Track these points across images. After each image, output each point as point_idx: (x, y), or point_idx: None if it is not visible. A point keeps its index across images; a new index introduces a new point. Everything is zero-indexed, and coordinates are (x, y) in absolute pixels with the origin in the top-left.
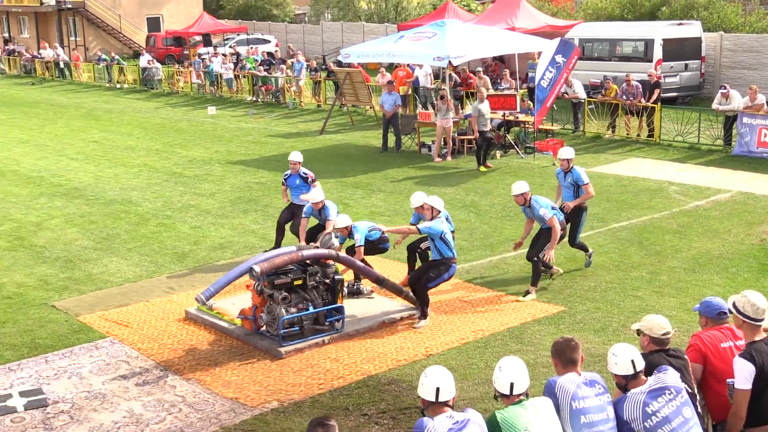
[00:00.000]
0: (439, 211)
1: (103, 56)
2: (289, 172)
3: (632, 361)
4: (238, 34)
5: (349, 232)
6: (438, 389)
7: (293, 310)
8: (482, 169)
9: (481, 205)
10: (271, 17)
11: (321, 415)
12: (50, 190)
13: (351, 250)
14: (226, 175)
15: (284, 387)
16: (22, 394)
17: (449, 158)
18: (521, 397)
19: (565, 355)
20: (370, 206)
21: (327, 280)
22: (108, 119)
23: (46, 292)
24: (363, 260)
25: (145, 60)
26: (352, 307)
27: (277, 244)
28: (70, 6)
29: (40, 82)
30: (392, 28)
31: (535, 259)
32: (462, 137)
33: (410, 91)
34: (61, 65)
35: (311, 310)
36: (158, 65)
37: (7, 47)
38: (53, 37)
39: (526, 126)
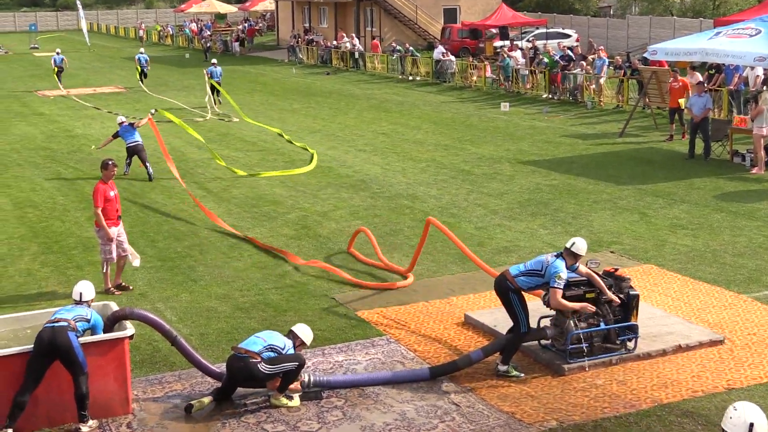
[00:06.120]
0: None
1: (398, 47)
2: None
3: (751, 425)
4: (537, 27)
5: None
6: (752, 425)
7: (583, 325)
8: None
9: None
10: (572, 10)
11: None
12: (337, 181)
13: None
14: (516, 175)
15: (565, 406)
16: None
17: (762, 170)
18: None
19: None
20: (672, 218)
21: (621, 296)
22: (398, 111)
23: (327, 283)
24: None
25: (438, 52)
26: (646, 326)
27: None
28: None
29: (335, 72)
30: (708, 23)
31: None
32: None
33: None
34: (356, 55)
35: (602, 326)
36: (452, 58)
37: (306, 37)
38: (350, 27)
39: None
